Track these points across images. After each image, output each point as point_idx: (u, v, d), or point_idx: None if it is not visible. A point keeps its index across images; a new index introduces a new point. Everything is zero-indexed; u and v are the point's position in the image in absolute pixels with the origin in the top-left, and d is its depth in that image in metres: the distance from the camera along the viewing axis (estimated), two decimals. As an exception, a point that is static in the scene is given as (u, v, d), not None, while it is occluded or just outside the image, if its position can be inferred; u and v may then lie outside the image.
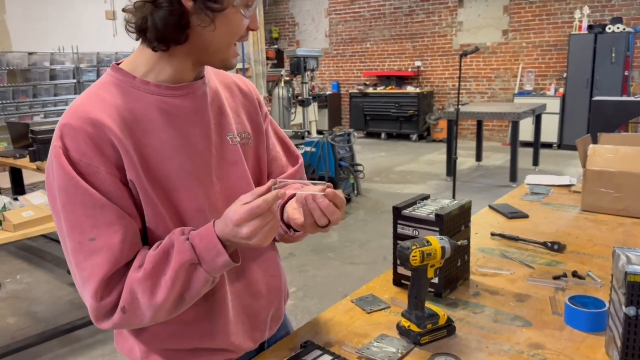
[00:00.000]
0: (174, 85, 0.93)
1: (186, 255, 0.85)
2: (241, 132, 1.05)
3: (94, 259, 0.84)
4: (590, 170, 1.97)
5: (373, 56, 11.12)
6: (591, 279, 1.40)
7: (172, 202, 0.92)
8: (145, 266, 0.85)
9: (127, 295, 0.85)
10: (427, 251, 1.09)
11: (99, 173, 0.84)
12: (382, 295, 1.34)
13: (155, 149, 0.90)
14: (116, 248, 0.84)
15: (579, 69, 8.35)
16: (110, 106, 0.88)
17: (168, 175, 0.92)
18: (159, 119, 0.91)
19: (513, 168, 6.39)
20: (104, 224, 0.84)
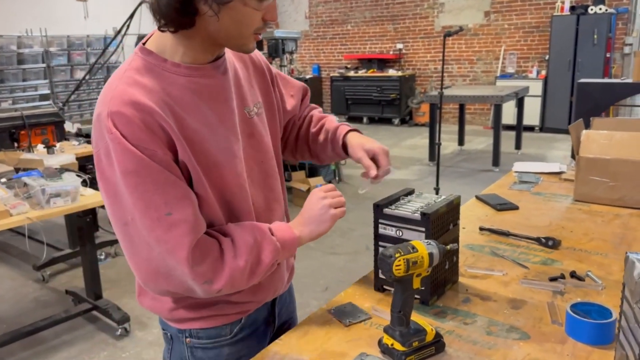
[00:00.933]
0: (200, 66, 0.96)
1: (278, 255, 1.00)
2: (256, 103, 1.11)
3: (175, 231, 0.89)
4: (584, 157, 1.84)
5: (354, 38, 10.91)
6: (591, 280, 1.28)
7: (217, 179, 0.97)
8: (244, 257, 0.95)
9: (227, 281, 0.93)
10: (413, 259, 0.94)
11: (157, 155, 0.88)
12: (362, 304, 1.20)
13: (195, 130, 0.94)
14: (191, 219, 0.90)
15: (561, 51, 8.27)
16: (151, 91, 0.90)
17: (210, 153, 0.96)
18: (193, 100, 0.95)
19: (496, 152, 6.31)
20: (176, 199, 0.89)
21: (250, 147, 1.07)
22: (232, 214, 1.03)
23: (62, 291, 3.39)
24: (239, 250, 0.95)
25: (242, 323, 1.11)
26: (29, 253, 4.03)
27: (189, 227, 0.90)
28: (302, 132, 1.33)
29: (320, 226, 1.06)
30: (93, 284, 3.01)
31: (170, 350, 1.13)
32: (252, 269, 0.97)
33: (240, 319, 1.11)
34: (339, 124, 1.28)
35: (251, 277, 0.97)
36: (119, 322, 2.87)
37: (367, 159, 1.17)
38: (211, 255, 0.93)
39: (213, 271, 0.93)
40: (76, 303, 3.17)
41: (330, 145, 1.27)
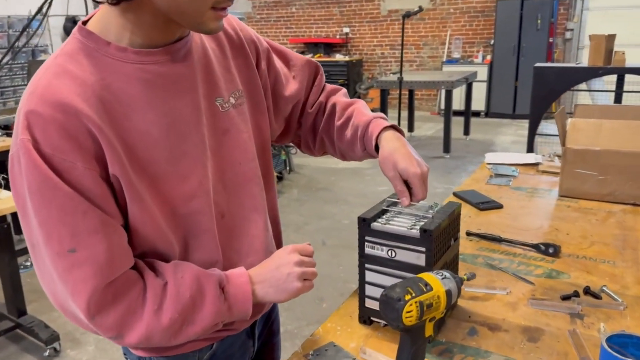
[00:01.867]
0: (153, 50, 0.77)
1: (222, 317, 0.81)
2: (234, 92, 0.91)
3: (77, 273, 0.72)
4: (571, 149, 1.67)
5: (299, 22, 10.57)
6: (609, 298, 1.09)
7: (162, 193, 0.79)
8: (170, 314, 0.76)
9: (141, 337, 0.76)
10: (428, 301, 0.70)
11: (76, 169, 0.70)
12: (346, 344, 0.95)
13: (141, 133, 0.76)
14: (101, 260, 0.73)
15: (506, 35, 8.30)
16: (83, 85, 0.72)
17: (157, 162, 0.77)
18: (142, 94, 0.76)
19: (447, 138, 6.22)
20: (86, 231, 0.72)
21: (223, 147, 0.87)
22: (190, 235, 0.83)
23: (-21, 307, 2.96)
24: (167, 302, 0.77)
25: (213, 349, 0.93)
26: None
27: (95, 269, 0.72)
28: (321, 123, 1.08)
29: (278, 294, 0.85)
30: (15, 299, 2.62)
31: None
32: (178, 330, 0.79)
33: (211, 344, 0.93)
34: (371, 117, 1.02)
35: (176, 337, 0.79)
36: (47, 342, 2.51)
37: (400, 181, 0.94)
38: (124, 303, 0.75)
39: (123, 324, 0.75)
40: (-4, 321, 2.77)
41: (361, 145, 1.02)
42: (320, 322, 1.03)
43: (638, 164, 1.59)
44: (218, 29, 0.77)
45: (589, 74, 3.76)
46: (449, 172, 5.54)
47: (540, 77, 3.90)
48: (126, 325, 0.75)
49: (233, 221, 0.89)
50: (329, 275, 3.26)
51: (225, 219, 0.87)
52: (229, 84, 0.90)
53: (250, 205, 0.92)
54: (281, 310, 1.06)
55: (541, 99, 3.90)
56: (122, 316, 0.74)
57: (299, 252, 0.86)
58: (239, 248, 0.88)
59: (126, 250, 0.77)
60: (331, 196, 4.81)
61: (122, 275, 0.75)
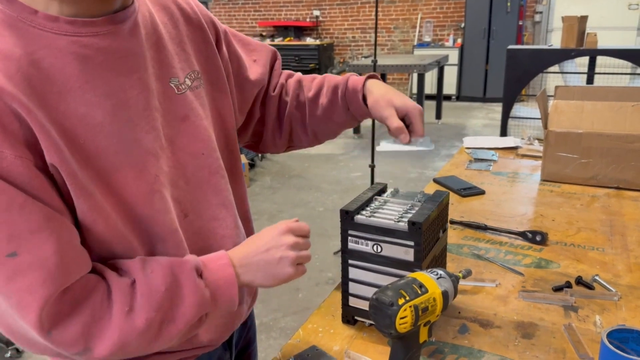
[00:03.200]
0: (91, 20, 0.65)
1: (206, 307, 0.69)
2: (189, 73, 0.79)
3: (21, 281, 0.59)
4: (553, 132, 1.62)
5: (268, 4, 10.34)
6: (602, 288, 1.04)
7: (113, 187, 0.67)
8: (145, 314, 0.64)
9: (113, 349, 0.63)
10: (423, 304, 0.63)
11: (5, 159, 0.58)
12: (329, 346, 0.88)
13: (81, 117, 0.63)
14: (50, 263, 0.60)
15: (476, 19, 8.29)
16: (5, 59, 0.59)
17: (103, 151, 0.65)
18: (79, 72, 0.64)
19: (420, 122, 6.18)
20: (26, 231, 0.59)
21: (182, 135, 0.76)
22: (154, 238, 0.71)
23: None
24: (139, 302, 0.65)
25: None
26: None
27: (43, 274, 0.60)
28: (287, 104, 0.99)
29: (266, 279, 0.76)
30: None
31: None
32: (158, 331, 0.66)
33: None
34: (347, 76, 0.96)
35: (157, 340, 0.67)
36: (8, 343, 2.38)
37: (397, 118, 0.87)
38: (86, 310, 0.63)
39: (88, 335, 0.62)
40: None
41: (343, 104, 0.93)
42: (297, 313, 0.96)
43: (621, 146, 1.55)
44: None
45: (562, 55, 3.75)
46: (423, 157, 5.52)
47: (514, 59, 3.87)
48: (93, 336, 0.63)
49: (199, 221, 0.78)
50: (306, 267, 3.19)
51: (189, 218, 0.76)
52: (183, 63, 0.79)
53: (217, 202, 0.81)
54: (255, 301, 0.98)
55: (514, 81, 3.88)
56: (86, 325, 0.62)
57: (293, 233, 0.77)
58: (207, 251, 0.76)
59: (80, 250, 0.65)
60: (305, 183, 4.73)
61: (79, 280, 0.63)
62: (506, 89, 3.97)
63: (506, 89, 3.97)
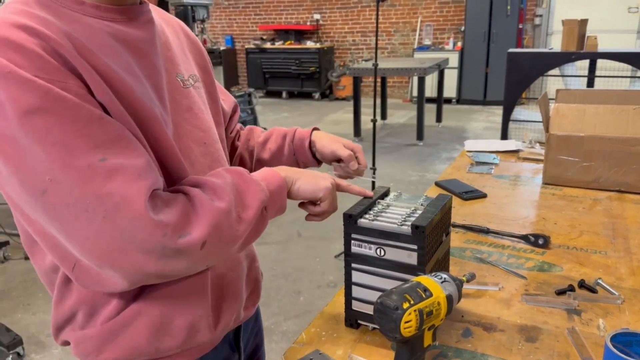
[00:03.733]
0: (112, 7, 0.72)
1: (265, 197, 0.75)
2: (191, 75, 0.87)
3: (119, 179, 0.62)
4: (555, 135, 1.62)
5: (269, 8, 10.36)
6: (606, 292, 1.04)
7: (152, 134, 0.71)
8: (226, 198, 0.70)
9: (210, 226, 0.67)
10: (428, 308, 0.63)
11: (70, 88, 0.62)
12: (332, 351, 0.88)
13: (116, 74, 0.68)
14: (139, 162, 0.64)
15: (477, 22, 8.30)
16: (46, 22, 0.64)
17: (140, 105, 0.70)
18: (111, 43, 0.70)
19: (420, 126, 6.19)
20: (108, 140, 0.63)
21: (188, 123, 0.82)
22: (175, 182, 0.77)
23: None
24: (217, 191, 0.70)
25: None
26: None
27: (138, 170, 0.64)
28: (238, 147, 1.08)
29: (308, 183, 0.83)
30: (-27, 303, 2.47)
31: None
32: (238, 214, 0.71)
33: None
34: (294, 128, 1.08)
35: (239, 223, 0.71)
36: (9, 347, 2.37)
37: (345, 150, 0.97)
38: (179, 202, 0.67)
39: (187, 218, 0.66)
40: (-47, 325, 2.61)
41: (288, 150, 1.03)
42: (298, 316, 0.96)
43: (622, 149, 1.55)
44: None
45: (563, 59, 3.75)
46: (423, 160, 5.52)
47: (514, 62, 3.88)
48: (190, 218, 0.66)
49: None
50: (305, 268, 3.19)
51: None
52: (186, 65, 0.87)
53: None
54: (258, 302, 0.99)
55: (515, 84, 3.88)
56: (182, 210, 0.66)
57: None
58: None
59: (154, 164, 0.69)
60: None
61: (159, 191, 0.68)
62: (507, 92, 3.97)
63: (507, 92, 3.97)
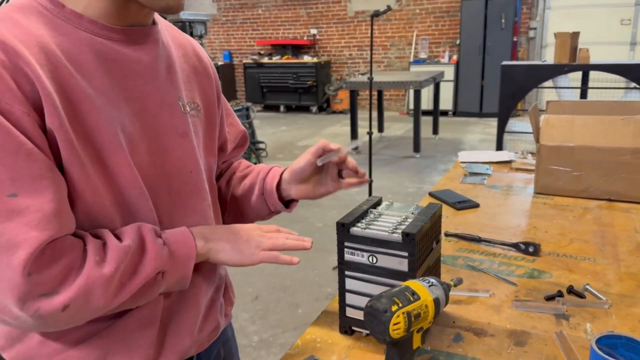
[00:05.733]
0: (114, 27, 0.73)
1: (163, 264, 0.73)
2: (191, 102, 0.86)
3: (17, 221, 0.62)
4: (545, 145, 1.66)
5: (266, 23, 10.48)
6: (593, 297, 1.07)
7: (107, 166, 0.71)
8: (114, 264, 0.68)
9: (78, 294, 0.65)
10: (416, 311, 0.66)
11: (15, 112, 0.63)
12: (327, 357, 0.90)
13: (87, 96, 0.69)
14: (47, 209, 0.64)
15: (471, 35, 8.41)
16: (27, 34, 0.66)
17: (104, 130, 0.70)
18: (93, 63, 0.71)
19: (416, 138, 6.24)
20: (29, 176, 0.63)
21: (179, 149, 0.81)
22: (133, 218, 0.76)
23: None
24: (110, 253, 0.68)
25: None
26: None
27: (41, 218, 0.63)
28: (221, 177, 1.05)
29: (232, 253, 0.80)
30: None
31: None
32: (122, 281, 0.69)
33: None
34: (270, 166, 1.03)
35: (119, 291, 0.69)
36: None
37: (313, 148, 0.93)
38: (66, 258, 0.65)
39: (60, 279, 0.65)
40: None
41: (258, 190, 0.99)
42: (297, 328, 0.98)
43: (612, 159, 1.59)
44: (177, 6, 0.73)
45: (555, 71, 3.81)
46: (420, 172, 5.56)
47: (508, 75, 3.93)
48: (64, 282, 0.65)
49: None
50: (303, 280, 3.21)
51: (163, 225, 0.79)
52: (188, 92, 0.86)
53: (193, 222, 0.83)
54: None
55: (509, 96, 3.93)
56: (62, 272, 0.65)
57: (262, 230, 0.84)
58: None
59: (70, 210, 0.68)
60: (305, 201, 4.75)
61: (65, 236, 0.67)
62: (501, 104, 4.03)
63: (501, 104, 4.03)
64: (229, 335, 1.05)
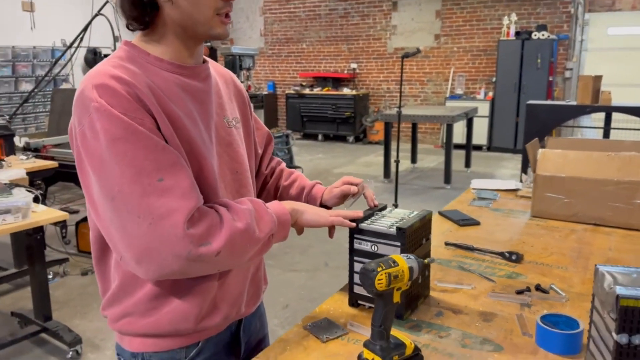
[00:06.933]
0: (183, 65, 1.00)
1: (272, 225, 1.00)
2: (235, 118, 1.14)
3: (168, 196, 0.87)
4: (541, 175, 1.92)
5: (309, 57, 11.02)
6: (555, 293, 1.33)
7: (198, 166, 0.97)
8: (244, 221, 0.94)
9: (227, 244, 0.91)
10: (394, 273, 0.95)
11: (146, 124, 0.88)
12: (337, 319, 1.20)
13: (178, 116, 0.95)
14: (185, 186, 0.89)
15: (507, 73, 8.64)
16: (134, 75, 0.92)
17: (194, 141, 0.97)
18: (178, 93, 0.97)
19: (447, 170, 6.48)
20: (167, 164, 0.88)
21: (226, 155, 1.08)
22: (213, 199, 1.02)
23: (6, 313, 3.21)
24: (239, 214, 0.94)
25: (199, 347, 1.06)
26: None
27: (183, 192, 0.88)
28: (269, 183, 1.35)
29: (312, 215, 1.12)
30: (42, 305, 2.86)
31: None
32: (251, 235, 0.95)
33: (197, 342, 1.06)
34: (314, 182, 1.34)
35: (250, 243, 0.95)
36: (70, 345, 2.74)
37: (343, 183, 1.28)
38: (209, 217, 0.91)
39: (210, 232, 0.90)
40: (22, 325, 3.00)
41: (304, 201, 1.29)
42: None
43: (598, 189, 1.84)
44: (224, 33, 0.98)
45: (578, 111, 4.03)
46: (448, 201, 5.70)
47: (533, 113, 4.17)
48: (213, 233, 0.90)
49: None
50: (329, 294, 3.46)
51: None
52: (231, 110, 1.13)
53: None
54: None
55: (534, 134, 4.15)
56: (209, 225, 0.90)
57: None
58: None
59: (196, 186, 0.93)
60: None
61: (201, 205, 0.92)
62: (526, 141, 4.25)
63: (526, 141, 4.25)
64: (262, 310, 1.35)
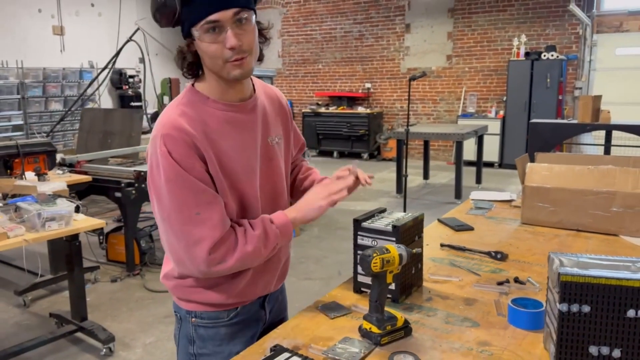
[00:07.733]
0: (233, 103, 1.26)
1: (277, 240, 1.26)
2: (278, 134, 1.39)
3: (202, 228, 1.15)
4: (529, 186, 2.15)
5: (325, 77, 11.37)
6: (531, 284, 1.55)
7: (237, 191, 1.26)
8: (253, 245, 1.21)
9: (237, 262, 1.20)
10: (387, 258, 1.20)
11: (195, 167, 1.16)
12: (344, 302, 1.44)
13: (225, 151, 1.22)
14: (216, 219, 1.17)
15: (518, 93, 8.86)
16: (193, 120, 1.19)
17: (235, 171, 1.24)
18: (226, 129, 1.23)
19: (458, 186, 6.68)
20: (205, 202, 1.16)
21: (268, 169, 1.35)
22: (245, 216, 1.30)
23: (44, 316, 3.48)
24: (250, 239, 1.21)
25: (237, 311, 1.36)
26: (8, 280, 4.10)
27: (213, 224, 1.16)
28: (295, 180, 1.60)
29: (307, 213, 1.31)
30: (79, 307, 3.13)
31: (179, 328, 1.39)
32: (257, 254, 1.23)
33: (236, 307, 1.36)
34: (323, 177, 1.55)
35: (256, 259, 1.25)
36: (104, 342, 3.00)
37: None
38: (227, 243, 1.19)
39: (226, 255, 1.19)
40: (59, 326, 3.27)
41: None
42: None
43: (579, 198, 2.06)
44: (240, 74, 1.18)
45: (578, 129, 4.24)
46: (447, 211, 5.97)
47: (535, 131, 4.40)
48: (228, 255, 1.18)
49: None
50: (343, 300, 3.70)
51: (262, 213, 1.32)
52: (275, 127, 1.38)
53: (278, 209, 1.35)
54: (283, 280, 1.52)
55: (536, 150, 4.37)
56: (227, 251, 1.18)
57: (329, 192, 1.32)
58: None
59: (227, 217, 1.21)
60: (348, 234, 5.23)
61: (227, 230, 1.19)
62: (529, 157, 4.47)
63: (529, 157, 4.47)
64: (284, 288, 1.63)
